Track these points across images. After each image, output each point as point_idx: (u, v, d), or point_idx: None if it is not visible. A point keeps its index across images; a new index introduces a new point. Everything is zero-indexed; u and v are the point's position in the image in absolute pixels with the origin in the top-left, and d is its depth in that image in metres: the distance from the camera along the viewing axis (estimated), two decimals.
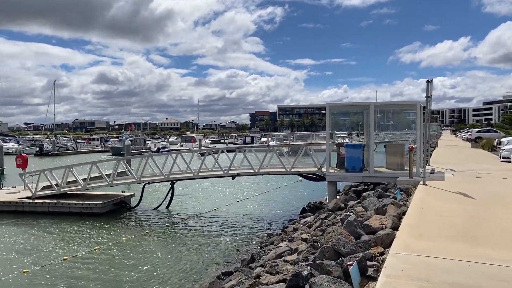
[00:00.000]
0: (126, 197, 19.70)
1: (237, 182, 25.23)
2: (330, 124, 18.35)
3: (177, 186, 23.29)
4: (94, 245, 13.40)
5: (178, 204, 20.01)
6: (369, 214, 8.21)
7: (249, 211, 18.70)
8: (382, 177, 15.28)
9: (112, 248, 13.16)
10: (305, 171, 17.00)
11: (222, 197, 22.16)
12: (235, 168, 18.01)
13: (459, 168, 17.18)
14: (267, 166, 18.58)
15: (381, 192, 11.15)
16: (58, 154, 67.02)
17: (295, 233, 11.91)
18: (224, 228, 15.65)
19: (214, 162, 18.47)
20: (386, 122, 28.09)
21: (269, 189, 24.53)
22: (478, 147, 34.20)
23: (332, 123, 29.95)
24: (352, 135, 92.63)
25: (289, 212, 18.36)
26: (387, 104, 15.88)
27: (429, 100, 12.28)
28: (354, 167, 15.66)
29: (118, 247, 13.32)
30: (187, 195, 22.94)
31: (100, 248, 13.09)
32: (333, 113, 27.52)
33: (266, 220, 16.86)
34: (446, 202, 9.37)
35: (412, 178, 13.84)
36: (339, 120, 26.41)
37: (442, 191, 11.04)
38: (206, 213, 18.04)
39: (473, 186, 11.94)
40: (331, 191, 15.83)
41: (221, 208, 19.21)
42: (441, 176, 14.30)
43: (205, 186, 25.08)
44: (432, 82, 12.13)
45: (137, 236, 14.59)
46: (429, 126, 16.90)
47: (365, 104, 15.97)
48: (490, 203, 9.21)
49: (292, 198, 21.74)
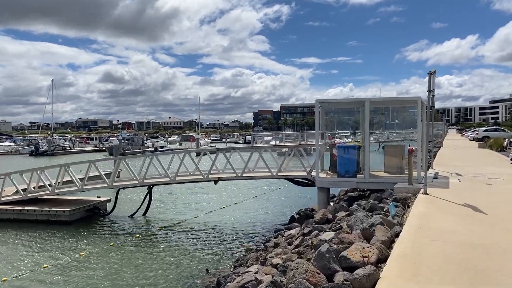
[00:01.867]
0: (100, 202, 18.04)
1: (226, 186, 23.53)
2: (322, 122, 16.64)
3: (159, 190, 21.69)
4: (47, 260, 11.75)
5: (156, 211, 18.32)
6: (352, 238, 6.47)
7: (233, 219, 16.98)
8: (378, 182, 13.52)
9: (66, 265, 11.51)
10: (293, 175, 15.26)
11: (207, 203, 20.44)
12: (216, 172, 16.29)
13: (466, 172, 15.38)
14: (253, 170, 16.86)
15: (373, 204, 9.40)
16: (53, 153, 65.63)
17: (274, 250, 10.20)
18: (201, 240, 13.94)
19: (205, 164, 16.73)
20: (391, 121, 26.52)
21: (260, 193, 22.79)
22: (486, 147, 32.32)
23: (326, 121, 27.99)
24: (356, 135, 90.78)
25: (278, 219, 16.65)
26: (385, 100, 14.13)
27: (431, 94, 10.50)
28: (347, 171, 13.90)
29: (75, 262, 11.67)
30: (168, 200, 21.14)
31: (52, 265, 11.43)
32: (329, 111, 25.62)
33: (251, 230, 15.14)
34: (450, 219, 7.60)
35: (412, 185, 12.06)
36: (334, 118, 24.55)
37: (446, 202, 9.26)
38: (184, 222, 16.34)
39: (482, 195, 10.16)
40: (321, 199, 14.08)
41: (203, 215, 17.50)
42: (445, 182, 12.52)
43: (190, 191, 23.26)
44: (435, 74, 10.36)
45: (100, 249, 12.92)
46: (432, 125, 15.11)
47: (359, 101, 14.21)
48: (505, 220, 7.43)
49: (284, 203, 20.01)
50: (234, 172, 15.38)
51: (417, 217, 7.82)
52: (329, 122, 31.25)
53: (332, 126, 25.19)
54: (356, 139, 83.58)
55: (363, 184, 13.69)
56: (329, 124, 29.59)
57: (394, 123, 56.84)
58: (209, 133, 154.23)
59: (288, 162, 15.49)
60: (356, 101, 14.68)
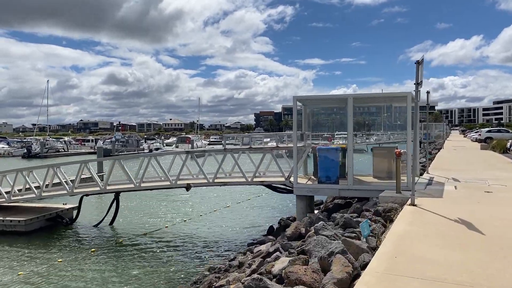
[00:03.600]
0: (64, 210, 16.47)
1: (208, 191, 21.93)
2: (308, 121, 15.05)
3: (132, 197, 20.12)
4: None
5: (125, 220, 16.72)
6: (302, 273, 4.85)
7: (209, 228, 15.38)
8: (363, 190, 11.90)
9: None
10: (270, 181, 13.64)
11: (185, 210, 18.80)
12: (186, 178, 14.69)
13: (465, 177, 13.74)
14: (231, 174, 15.26)
15: (347, 219, 7.76)
16: (46, 156, 64.19)
17: (231, 274, 8.61)
18: (165, 255, 12.34)
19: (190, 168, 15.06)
20: (393, 121, 25.32)
21: (245, 198, 21.16)
22: (488, 148, 30.66)
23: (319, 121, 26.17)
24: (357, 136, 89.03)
25: (258, 229, 15.06)
26: (370, 96, 12.49)
27: (419, 88, 8.88)
28: (328, 177, 12.29)
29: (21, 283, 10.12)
30: (141, 208, 19.38)
31: None
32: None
33: (223, 242, 13.54)
34: (437, 243, 5.97)
35: (400, 193, 10.43)
36: (335, 119, 23.08)
37: (435, 217, 7.63)
38: (152, 232, 14.74)
39: (480, 208, 8.51)
40: (300, 208, 12.46)
41: (176, 224, 15.89)
42: (439, 190, 10.89)
43: (169, 197, 21.52)
44: (422, 63, 8.73)
45: (45, 266, 11.33)
46: (417, 123, 13.53)
47: (341, 97, 12.59)
48: (508, 248, 5.79)
49: (269, 210, 18.38)
50: (205, 178, 13.76)
51: (396, 239, 6.20)
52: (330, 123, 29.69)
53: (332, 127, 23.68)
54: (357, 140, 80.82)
55: (346, 191, 12.07)
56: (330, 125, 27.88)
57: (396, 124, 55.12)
58: (209, 134, 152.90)
59: (259, 166, 13.86)
60: (338, 98, 13.06)
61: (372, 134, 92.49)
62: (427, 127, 17.30)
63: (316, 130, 22.99)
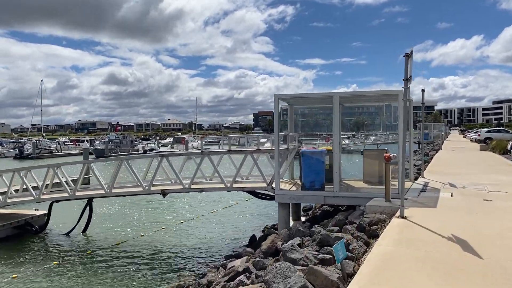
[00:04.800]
0: (35, 217, 15.39)
1: (194, 196, 20.84)
2: (291, 122, 13.98)
3: (113, 202, 19.05)
4: None
5: (99, 227, 15.63)
6: None
7: (187, 237, 14.31)
8: (350, 197, 10.83)
9: None
10: (251, 187, 12.56)
11: (165, 217, 17.68)
12: (160, 184, 13.61)
13: (462, 182, 12.69)
14: (211, 179, 14.18)
15: (324, 236, 6.69)
16: (38, 157, 63.12)
17: None
18: (134, 268, 11.26)
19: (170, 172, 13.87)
20: (393, 121, 24.44)
21: (233, 203, 20.06)
22: (488, 149, 29.64)
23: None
24: (355, 136, 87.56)
25: (240, 238, 13.98)
26: (358, 94, 11.39)
27: (408, 85, 7.81)
28: (312, 183, 11.22)
29: None
30: (116, 214, 18.17)
31: None
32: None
33: (200, 253, 12.47)
34: (427, 271, 4.90)
35: (389, 201, 9.39)
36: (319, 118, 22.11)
37: (427, 234, 6.57)
38: (125, 242, 13.65)
39: (479, 221, 7.43)
40: (282, 216, 11.38)
41: (152, 233, 14.81)
42: (433, 198, 9.83)
43: (152, 203, 20.35)
44: (411, 56, 7.67)
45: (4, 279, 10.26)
46: (411, 123, 12.55)
47: (326, 96, 11.52)
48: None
49: (254, 217, 17.27)
50: (180, 183, 12.68)
51: (376, 266, 5.13)
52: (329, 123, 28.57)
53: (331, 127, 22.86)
54: (355, 141, 79.89)
55: (332, 199, 10.99)
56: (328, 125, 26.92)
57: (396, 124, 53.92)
58: (207, 134, 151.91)
59: (239, 170, 12.76)
60: (323, 96, 11.97)
61: (371, 134, 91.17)
62: (422, 127, 16.13)
63: (316, 130, 21.93)
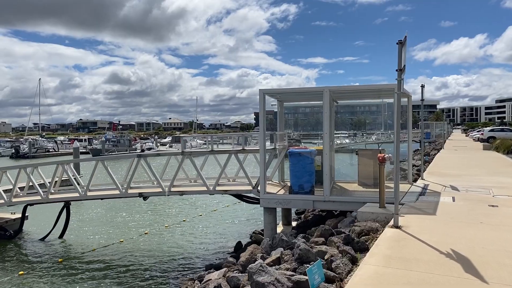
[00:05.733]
0: (10, 221, 14.49)
1: (188, 196, 19.88)
2: (281, 120, 13.05)
3: (97, 205, 18.15)
4: None
5: (77, 232, 14.71)
6: None
7: (170, 243, 13.37)
8: (342, 202, 9.89)
9: None
10: (235, 190, 11.62)
11: (151, 220, 16.74)
12: (138, 186, 12.67)
13: (465, 184, 11.76)
14: (196, 181, 13.25)
15: (303, 251, 5.75)
16: (34, 156, 62.28)
17: None
18: (106, 279, 10.34)
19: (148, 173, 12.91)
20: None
21: (224, 204, 19.11)
22: (491, 148, 28.63)
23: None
24: (356, 135, 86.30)
25: (227, 245, 13.06)
26: (351, 89, 10.45)
27: (402, 76, 6.86)
28: (301, 186, 10.29)
29: None
30: (98, 218, 17.11)
31: None
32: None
33: (181, 262, 11.54)
34: None
35: (384, 207, 8.45)
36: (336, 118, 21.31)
37: (423, 250, 5.62)
38: (103, 248, 12.72)
39: (484, 233, 6.48)
40: (269, 222, 10.45)
41: (135, 238, 13.89)
42: (433, 203, 8.88)
43: (134, 205, 19.23)
44: (405, 44, 6.71)
45: None
46: (409, 120, 11.71)
47: (316, 90, 10.58)
48: None
49: (244, 221, 16.33)
50: (160, 186, 11.74)
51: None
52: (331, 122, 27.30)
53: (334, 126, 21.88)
54: (356, 140, 78.43)
55: (322, 203, 10.05)
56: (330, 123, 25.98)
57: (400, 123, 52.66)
58: (208, 134, 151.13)
59: (222, 172, 11.80)
60: (312, 91, 11.02)
61: (372, 133, 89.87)
62: (422, 125, 15.18)
63: (318, 129, 20.95)
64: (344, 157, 31.23)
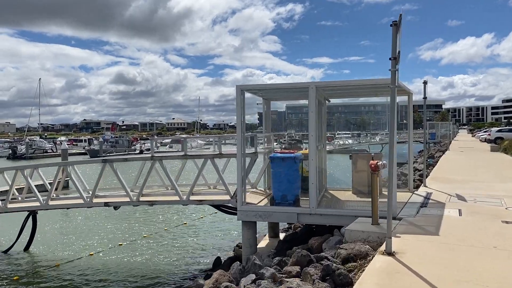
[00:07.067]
0: None
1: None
2: (267, 120, 11.74)
3: (62, 215, 16.80)
4: None
5: (45, 244, 13.43)
6: None
7: (143, 257, 12.08)
8: (330, 215, 8.55)
9: None
10: (211, 200, 10.29)
11: (128, 229, 15.34)
12: (104, 195, 11.36)
13: (473, 192, 10.42)
14: (166, 189, 11.92)
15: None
16: (32, 157, 61.29)
17: None
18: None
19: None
20: (399, 120, 22.58)
21: (211, 211, 17.74)
22: (499, 150, 27.17)
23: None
24: (360, 136, 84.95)
25: (206, 258, 11.77)
26: (340, 84, 9.06)
27: (396, 67, 5.53)
28: (284, 197, 8.96)
29: None
30: (71, 228, 15.70)
31: None
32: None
33: (151, 280, 10.26)
34: None
35: (377, 223, 7.09)
36: (340, 119, 19.75)
37: (422, 287, 4.30)
38: (69, 263, 11.44)
39: (499, 262, 5.13)
40: (247, 238, 9.11)
41: (107, 250, 12.61)
42: (435, 219, 7.54)
43: (112, 213, 17.82)
44: (400, 26, 5.39)
45: None
46: (410, 120, 10.45)
47: (301, 86, 9.26)
48: None
49: (231, 231, 14.98)
50: (127, 195, 10.45)
51: None
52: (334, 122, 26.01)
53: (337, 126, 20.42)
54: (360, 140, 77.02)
55: (308, 217, 8.70)
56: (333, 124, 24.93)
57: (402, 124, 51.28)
58: (211, 134, 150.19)
59: (196, 180, 10.46)
60: (297, 87, 9.68)
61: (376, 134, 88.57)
62: (425, 125, 13.82)
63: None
64: (346, 158, 29.96)
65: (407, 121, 11.40)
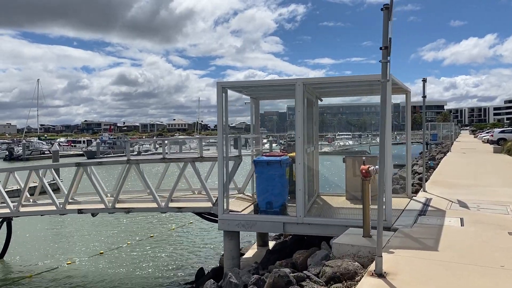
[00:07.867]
0: None
1: None
2: (256, 120, 11.00)
3: (40, 221, 15.97)
4: None
5: (21, 252, 12.69)
6: None
7: (124, 266, 11.33)
8: (318, 225, 7.78)
9: None
10: (191, 207, 9.53)
11: (111, 236, 14.56)
12: (78, 202, 10.61)
13: (476, 197, 9.66)
14: (148, 194, 11.14)
15: None
16: (29, 158, 60.73)
17: None
18: None
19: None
20: (401, 121, 22.03)
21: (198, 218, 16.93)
22: (502, 151, 26.36)
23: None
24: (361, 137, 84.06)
25: (189, 269, 11.02)
26: (330, 81, 8.30)
27: (387, 57, 4.79)
28: (270, 204, 8.20)
29: None
30: (49, 235, 14.99)
31: None
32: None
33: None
34: None
35: (369, 235, 6.32)
36: (341, 119, 19.07)
37: None
38: (43, 274, 10.70)
39: (506, 285, 4.35)
40: (229, 249, 8.35)
41: (86, 259, 11.85)
42: (434, 230, 6.77)
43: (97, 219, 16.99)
44: (391, 10, 4.65)
45: None
46: (411, 119, 9.66)
47: (288, 82, 8.51)
48: None
49: (217, 240, 14.16)
50: (102, 202, 9.71)
51: None
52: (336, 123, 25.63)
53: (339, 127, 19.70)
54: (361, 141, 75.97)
55: (295, 226, 7.93)
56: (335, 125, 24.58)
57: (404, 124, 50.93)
58: (213, 135, 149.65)
59: (175, 186, 9.69)
60: (282, 83, 8.92)
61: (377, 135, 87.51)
62: (424, 125, 13.04)
63: (321, 130, 19.02)
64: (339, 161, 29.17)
65: (406, 121, 10.65)
